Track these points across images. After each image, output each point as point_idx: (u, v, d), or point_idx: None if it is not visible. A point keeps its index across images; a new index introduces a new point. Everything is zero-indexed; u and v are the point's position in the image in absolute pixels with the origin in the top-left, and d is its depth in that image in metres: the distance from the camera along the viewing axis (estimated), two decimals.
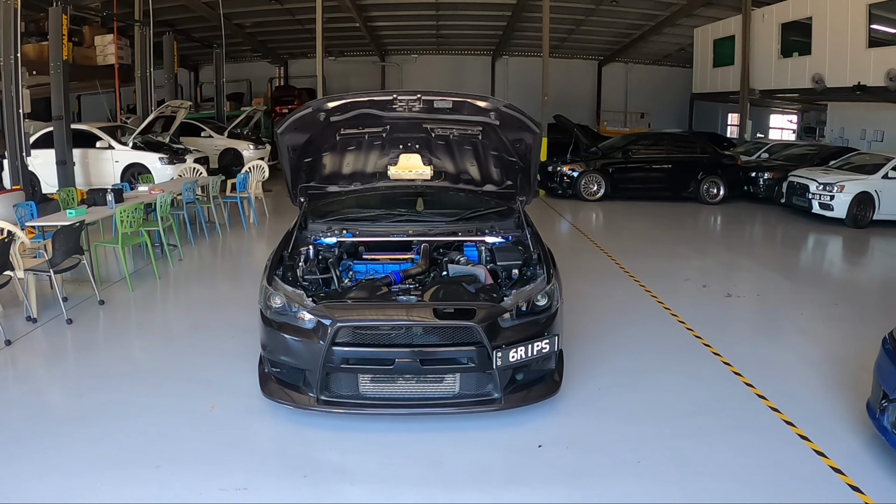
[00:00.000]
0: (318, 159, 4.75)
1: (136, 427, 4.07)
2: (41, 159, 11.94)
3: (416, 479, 3.58)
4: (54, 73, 10.70)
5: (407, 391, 3.98)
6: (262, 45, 27.88)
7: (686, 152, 13.68)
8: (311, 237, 4.95)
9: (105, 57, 16.29)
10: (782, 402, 4.48)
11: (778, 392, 4.63)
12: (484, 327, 3.79)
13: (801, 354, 5.48)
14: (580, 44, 26.32)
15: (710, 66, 20.46)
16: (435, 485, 3.54)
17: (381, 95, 4.14)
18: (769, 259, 9.35)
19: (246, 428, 4.12)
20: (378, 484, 3.55)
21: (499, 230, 4.99)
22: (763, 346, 5.69)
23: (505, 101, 4.05)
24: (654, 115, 26.23)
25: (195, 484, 3.50)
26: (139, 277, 7.92)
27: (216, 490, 3.44)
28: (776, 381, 4.83)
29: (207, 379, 4.78)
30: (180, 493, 3.42)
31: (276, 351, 4.10)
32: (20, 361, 5.33)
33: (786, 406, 4.42)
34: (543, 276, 4.27)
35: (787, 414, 4.31)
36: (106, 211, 7.80)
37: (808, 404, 4.48)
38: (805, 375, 5.00)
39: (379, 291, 4.12)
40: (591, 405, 4.42)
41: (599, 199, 13.50)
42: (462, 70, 30.76)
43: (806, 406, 4.45)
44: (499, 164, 4.73)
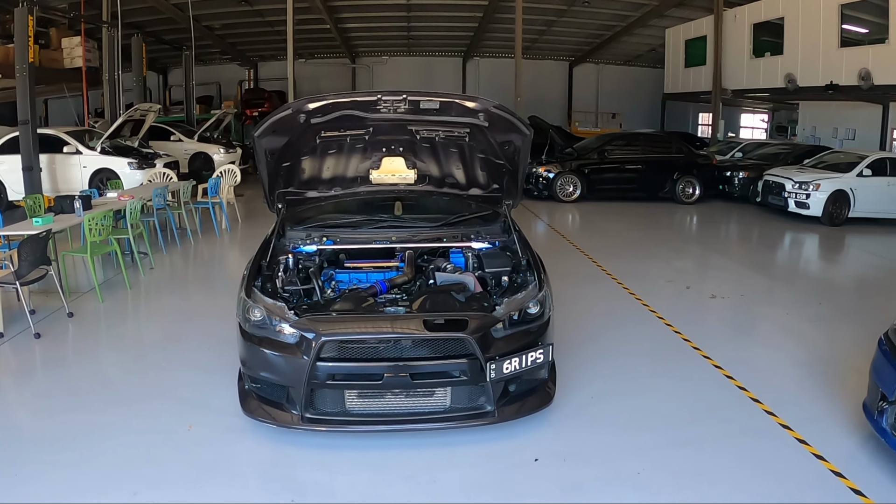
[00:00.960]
0: (297, 163, 4.56)
1: (111, 450, 3.84)
2: (7, 165, 11.56)
3: (408, 499, 3.44)
4: (20, 76, 10.33)
5: (396, 406, 3.81)
6: (231, 48, 27.45)
7: (661, 152, 13.72)
8: (290, 245, 4.75)
9: (72, 59, 15.83)
10: (776, 404, 4.44)
11: (771, 395, 4.59)
12: (476, 339, 3.66)
13: (791, 355, 5.46)
14: (551, 45, 26.36)
15: (682, 67, 20.63)
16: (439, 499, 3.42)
17: (365, 96, 3.96)
18: (749, 259, 9.37)
19: (226, 448, 3.91)
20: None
21: (485, 235, 4.85)
22: (751, 347, 5.67)
23: (495, 102, 3.91)
24: (626, 115, 26.39)
25: None
26: (109, 287, 7.63)
27: None
28: (768, 384, 4.79)
29: (183, 395, 4.56)
30: None
31: (257, 367, 3.90)
32: None
33: (780, 409, 4.37)
34: (535, 282, 4.15)
35: (782, 417, 4.26)
36: (74, 219, 7.50)
37: (803, 406, 4.44)
38: (796, 377, 4.97)
39: (365, 303, 3.95)
40: (585, 414, 4.32)
41: (575, 201, 13.47)
42: (433, 71, 30.63)
43: (800, 408, 4.41)
44: (485, 167, 4.59)
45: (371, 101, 3.95)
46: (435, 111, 3.96)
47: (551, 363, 4.25)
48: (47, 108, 23.11)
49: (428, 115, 4.03)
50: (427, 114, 4.00)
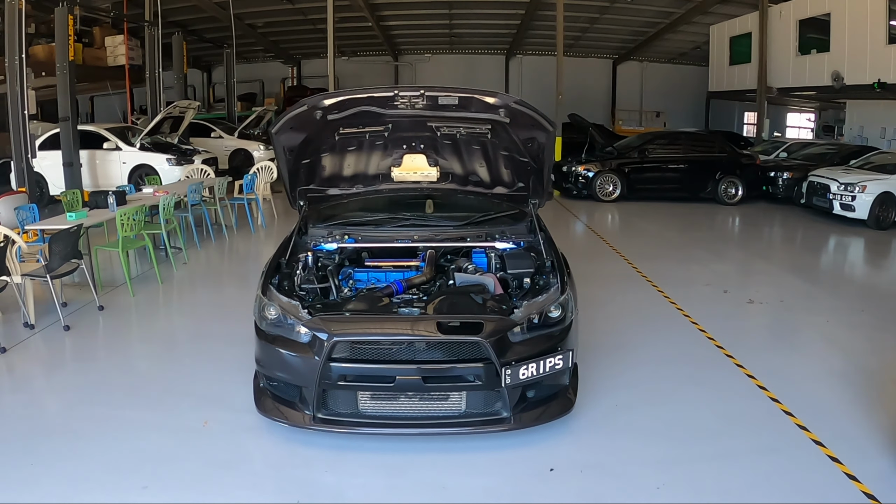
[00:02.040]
0: (317, 161, 4.49)
1: (126, 443, 3.87)
2: (49, 160, 11.83)
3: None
4: (60, 74, 10.59)
5: (410, 409, 3.71)
6: (274, 46, 27.79)
7: (703, 152, 13.32)
8: (311, 243, 4.71)
9: (115, 58, 16.22)
10: (809, 418, 4.18)
11: (805, 408, 4.32)
12: (492, 342, 3.53)
13: (828, 365, 5.16)
14: (595, 42, 25.97)
15: (727, 64, 20.04)
16: None
17: (382, 91, 3.87)
18: (790, 262, 8.97)
19: (239, 446, 3.89)
20: None
21: (510, 235, 4.70)
22: (787, 356, 5.38)
23: (515, 98, 3.76)
24: (670, 113, 25.80)
25: None
26: (141, 281, 7.74)
27: None
28: (802, 395, 4.53)
29: (203, 391, 4.57)
30: None
31: (271, 366, 3.87)
32: (14, 370, 5.16)
33: (813, 423, 4.11)
34: (557, 285, 3.99)
35: (815, 432, 4.00)
36: (107, 214, 7.63)
37: (837, 421, 4.17)
38: (833, 388, 4.69)
39: (379, 303, 3.86)
40: (607, 423, 4.14)
41: (615, 200, 13.17)
42: (476, 69, 30.49)
43: (834, 423, 4.13)
44: (510, 165, 4.45)
45: (388, 96, 3.85)
46: (454, 107, 3.84)
47: (573, 369, 4.09)
48: (93, 104, 23.74)
49: (447, 111, 3.91)
50: (446, 110, 3.88)
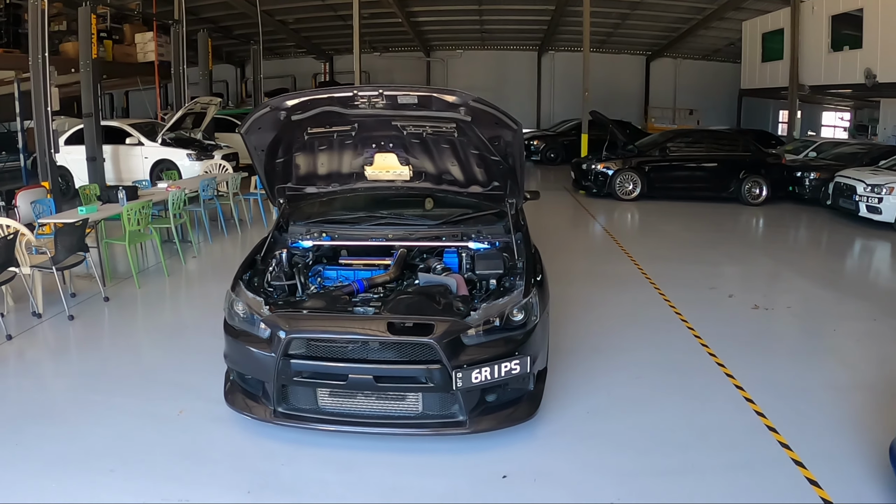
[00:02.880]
0: (291, 160, 4.51)
1: (104, 428, 4.06)
2: (75, 155, 12.15)
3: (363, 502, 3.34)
4: (84, 71, 10.84)
5: (367, 408, 3.73)
6: (306, 42, 28.04)
7: (727, 150, 12.93)
8: (289, 240, 4.76)
9: (145, 54, 16.56)
10: (794, 435, 3.96)
11: (791, 423, 4.10)
12: (443, 344, 3.49)
13: (826, 378, 4.89)
14: (627, 38, 25.54)
15: (759, 61, 19.44)
16: None
17: (342, 92, 3.86)
18: (808, 266, 8.62)
19: (206, 435, 3.98)
20: None
21: (486, 235, 4.65)
22: (783, 367, 5.10)
23: (474, 96, 3.69)
24: (704, 111, 25.19)
25: (140, 490, 3.43)
26: (150, 274, 7.91)
27: (157, 499, 3.35)
28: (791, 410, 4.30)
29: (188, 382, 4.68)
30: (122, 499, 3.37)
31: (236, 360, 3.95)
32: (15, 357, 5.41)
33: (797, 441, 3.90)
34: (521, 287, 3.90)
35: (797, 451, 3.80)
36: (117, 208, 7.78)
37: (824, 439, 3.94)
38: (826, 403, 4.43)
39: (337, 301, 3.87)
40: (575, 430, 4.03)
41: (635, 199, 12.91)
42: (507, 65, 30.36)
43: (820, 441, 3.91)
44: (482, 164, 4.38)
45: (347, 96, 3.84)
46: (414, 106, 3.80)
47: (540, 375, 4.03)
48: (128, 99, 24.28)
49: (408, 111, 3.86)
50: (407, 109, 3.83)
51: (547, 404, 4.23)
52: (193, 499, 3.34)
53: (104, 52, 15.44)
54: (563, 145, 19.55)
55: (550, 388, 4.49)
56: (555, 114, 27.71)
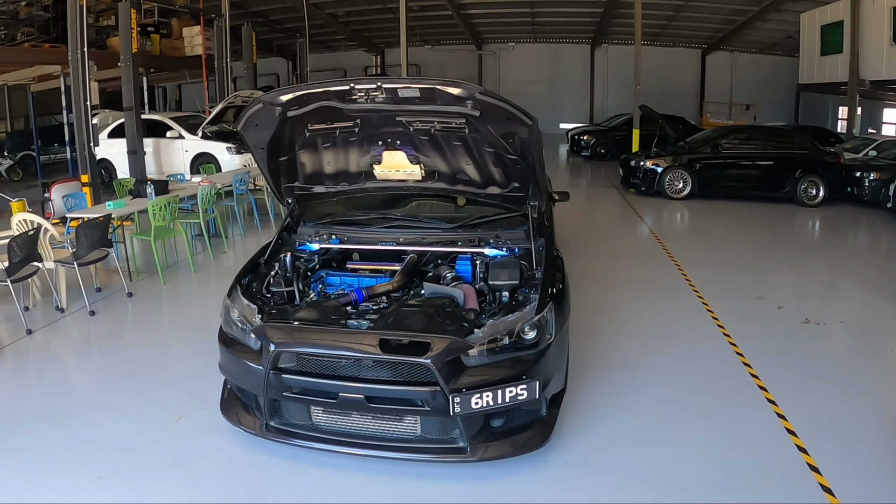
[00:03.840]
0: (294, 158, 4.26)
1: (102, 432, 4.01)
2: (117, 148, 12.27)
3: None
4: (124, 66, 10.91)
5: (362, 427, 3.46)
6: (357, 35, 28.02)
7: (782, 148, 12.11)
8: (297, 242, 4.53)
9: (193, 48, 16.71)
10: (839, 477, 3.45)
11: (836, 462, 3.61)
12: (440, 365, 3.17)
13: (879, 408, 4.28)
14: (682, 31, 24.61)
15: (818, 55, 18.27)
16: None
17: (338, 85, 3.56)
18: (865, 275, 7.86)
19: (201, 445, 3.86)
20: None
21: (505, 241, 4.29)
22: (832, 392, 4.54)
23: (481, 88, 3.35)
24: (761, 107, 24.03)
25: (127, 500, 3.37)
26: (177, 270, 7.86)
27: None
28: (837, 446, 3.80)
29: (194, 386, 4.55)
30: None
31: (228, 371, 3.76)
32: (32, 352, 5.44)
33: (841, 485, 3.39)
34: (534, 303, 3.55)
35: (840, 496, 3.32)
36: (145, 203, 7.72)
37: (873, 484, 3.43)
38: (877, 439, 3.89)
39: (332, 312, 3.59)
40: (591, 461, 3.66)
41: (685, 198, 12.26)
42: (560, 58, 29.78)
43: (868, 486, 3.41)
44: (499, 163, 4.02)
45: (344, 90, 3.55)
46: (417, 100, 3.47)
47: (559, 396, 3.71)
48: (180, 93, 24.68)
49: (411, 105, 3.54)
50: (409, 103, 3.51)
51: (565, 428, 3.90)
52: None
53: (151, 46, 15.66)
54: (614, 140, 18.88)
55: (571, 408, 4.16)
56: (608, 108, 26.99)
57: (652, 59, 25.44)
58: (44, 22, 13.62)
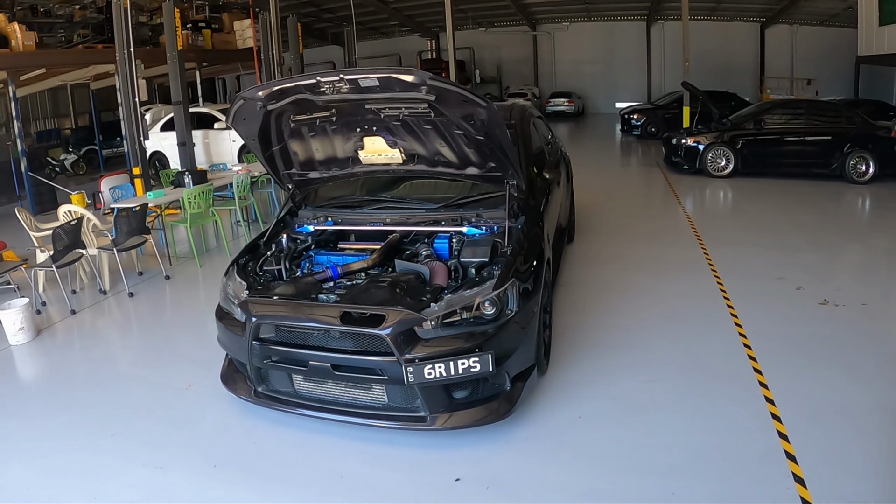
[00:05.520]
0: (286, 147, 4.52)
1: (120, 397, 4.51)
2: (170, 140, 12.89)
3: (307, 488, 3.42)
4: (171, 62, 11.39)
5: (337, 395, 3.74)
6: (409, 20, 28.23)
7: (829, 122, 11.54)
8: (295, 225, 4.82)
9: (244, 41, 17.25)
10: (815, 467, 3.31)
11: (817, 453, 3.44)
12: (393, 337, 3.38)
13: (883, 398, 4.01)
14: (739, 4, 23.66)
15: (876, 24, 17.20)
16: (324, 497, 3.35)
17: (305, 79, 3.78)
18: None
19: (203, 409, 4.27)
20: (267, 484, 3.48)
21: (486, 220, 4.42)
22: (834, 379, 4.30)
23: (430, 74, 3.48)
24: (823, 81, 22.86)
25: (129, 455, 3.80)
26: (214, 254, 8.33)
27: (139, 465, 3.68)
28: (823, 436, 3.62)
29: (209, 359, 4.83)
30: (110, 463, 3.74)
31: (223, 342, 4.11)
32: (75, 330, 6.05)
33: (817, 475, 3.25)
34: (494, 279, 3.66)
35: (811, 488, 3.17)
36: (180, 192, 8.16)
37: (851, 476, 3.25)
38: (871, 432, 3.65)
39: (307, 288, 3.86)
40: (556, 438, 3.73)
41: (727, 176, 11.90)
42: (616, 37, 29.23)
43: (845, 478, 3.25)
44: (471, 145, 4.14)
45: (312, 83, 3.76)
46: (377, 88, 3.63)
47: (526, 372, 3.82)
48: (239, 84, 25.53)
49: (374, 94, 3.71)
50: (372, 91, 3.68)
51: (537, 404, 4.02)
52: (168, 467, 3.64)
53: (202, 41, 16.26)
54: (664, 118, 18.45)
55: (550, 385, 4.26)
56: (665, 85, 26.31)
57: (708, 34, 24.60)
58: (98, 23, 14.35)
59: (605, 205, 9.91)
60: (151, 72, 15.89)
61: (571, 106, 27.35)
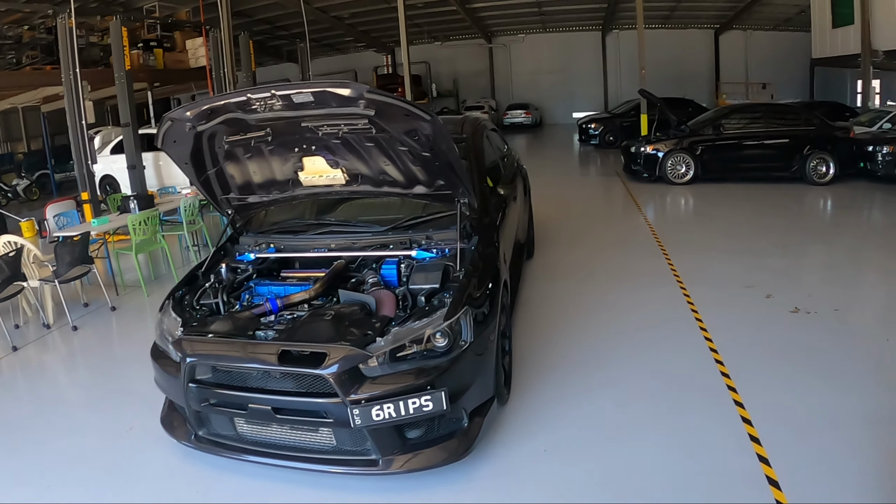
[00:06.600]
0: (221, 169, 4.20)
1: (58, 441, 4.18)
2: (119, 164, 12.40)
3: None
4: (119, 83, 10.97)
5: (282, 438, 3.43)
6: (364, 35, 28.04)
7: (788, 125, 11.64)
8: (236, 252, 4.49)
9: (196, 59, 16.80)
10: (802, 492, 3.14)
11: (803, 475, 3.27)
12: (336, 376, 3.09)
13: (865, 406, 3.89)
14: (692, 12, 24.04)
15: (829, 27, 17.60)
16: None
17: (235, 97, 3.50)
18: (872, 257, 7.41)
19: (144, 454, 3.94)
20: None
21: (436, 242, 4.13)
22: (811, 391, 4.15)
23: (367, 87, 3.22)
24: (778, 85, 23.31)
25: None
26: (163, 282, 7.89)
27: None
28: (806, 455, 3.45)
29: (154, 396, 4.36)
30: None
31: (160, 383, 3.77)
32: (16, 368, 5.66)
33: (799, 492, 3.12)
34: (446, 308, 3.40)
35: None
36: (125, 219, 7.78)
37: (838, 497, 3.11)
38: (857, 445, 3.50)
39: (245, 324, 3.55)
40: (521, 474, 3.47)
41: (688, 183, 11.89)
42: (572, 47, 29.47)
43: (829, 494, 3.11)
44: (418, 162, 3.86)
45: (242, 101, 3.47)
46: (312, 104, 3.36)
47: (485, 406, 3.57)
48: None
49: (310, 110, 3.43)
50: (307, 108, 3.40)
51: (500, 437, 3.77)
52: None
53: (154, 60, 15.78)
54: (622, 127, 18.53)
55: (514, 414, 4.02)
56: (623, 94, 26.56)
57: (663, 41, 24.92)
58: (47, 44, 13.84)
59: (566, 217, 9.77)
60: (104, 93, 15.39)
61: (529, 117, 27.45)
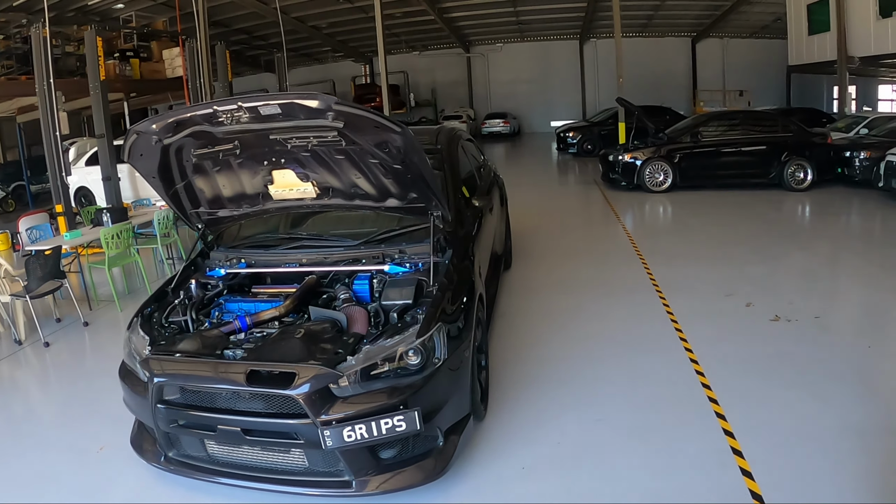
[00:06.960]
0: (190, 183, 4.10)
1: (26, 461, 4.06)
2: (95, 175, 12.20)
3: None
4: (93, 93, 10.80)
5: (254, 459, 3.33)
6: (342, 45, 28.01)
7: (766, 132, 11.75)
8: (207, 268, 4.39)
9: (173, 69, 16.65)
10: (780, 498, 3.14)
11: (787, 489, 3.22)
12: (306, 396, 3.00)
13: (848, 417, 3.87)
14: (669, 20, 24.31)
15: (805, 34, 17.92)
16: None
17: (201, 109, 3.41)
18: (852, 263, 7.49)
19: (115, 476, 3.82)
20: None
21: (410, 256, 4.07)
22: (793, 401, 4.12)
23: (335, 99, 3.16)
24: (755, 92, 23.63)
25: None
26: (137, 296, 7.72)
27: None
28: (790, 467, 3.40)
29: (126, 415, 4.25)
30: None
31: (128, 403, 3.66)
32: None
33: None
34: (418, 325, 3.32)
35: None
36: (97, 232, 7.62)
37: None
38: (841, 456, 3.48)
39: (213, 343, 3.44)
40: (497, 494, 3.39)
41: (666, 191, 11.95)
42: (550, 56, 29.65)
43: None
44: (389, 175, 3.80)
45: (209, 113, 3.39)
46: (280, 116, 3.28)
47: (460, 424, 3.50)
48: None
49: (278, 122, 3.35)
50: (275, 120, 3.33)
51: (477, 455, 3.70)
52: None
53: (130, 70, 15.61)
54: (600, 135, 18.63)
55: (491, 431, 3.95)
56: (600, 102, 26.75)
57: (641, 50, 25.15)
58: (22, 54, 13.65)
59: (544, 226, 9.76)
60: (80, 103, 15.19)
61: (507, 126, 27.54)
